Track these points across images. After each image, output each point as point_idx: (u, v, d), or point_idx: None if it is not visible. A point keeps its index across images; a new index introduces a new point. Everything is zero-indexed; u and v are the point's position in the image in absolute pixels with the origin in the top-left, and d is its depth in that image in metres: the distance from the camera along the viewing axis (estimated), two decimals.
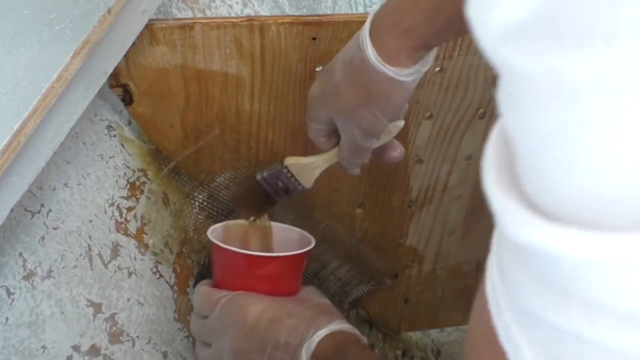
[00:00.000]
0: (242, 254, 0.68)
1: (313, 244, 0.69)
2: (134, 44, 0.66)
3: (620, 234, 0.22)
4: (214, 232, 0.72)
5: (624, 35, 0.20)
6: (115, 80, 0.69)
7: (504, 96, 0.25)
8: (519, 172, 0.25)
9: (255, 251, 0.72)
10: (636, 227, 0.22)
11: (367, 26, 0.62)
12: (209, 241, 0.72)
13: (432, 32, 0.60)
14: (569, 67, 0.21)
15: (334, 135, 0.71)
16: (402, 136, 0.83)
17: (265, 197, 0.76)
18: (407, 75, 0.62)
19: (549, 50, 0.22)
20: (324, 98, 0.67)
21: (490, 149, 0.27)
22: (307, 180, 0.74)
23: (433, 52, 0.63)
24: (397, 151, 0.72)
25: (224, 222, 0.73)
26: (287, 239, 0.72)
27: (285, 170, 0.74)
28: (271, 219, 0.87)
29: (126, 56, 0.66)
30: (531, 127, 0.24)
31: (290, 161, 0.73)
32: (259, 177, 0.76)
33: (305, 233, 0.72)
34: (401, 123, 0.70)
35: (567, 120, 0.22)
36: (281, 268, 0.67)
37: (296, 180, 0.74)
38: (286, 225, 0.73)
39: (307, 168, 0.73)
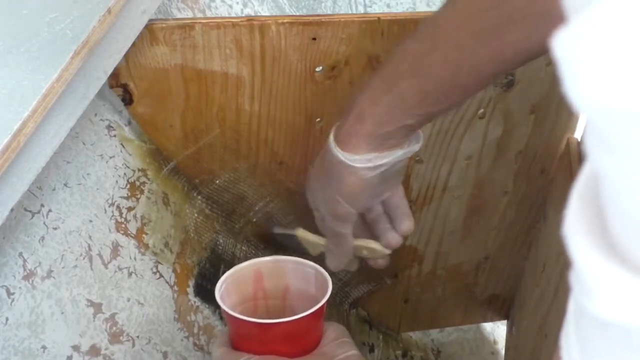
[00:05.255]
0: (255, 323, 0.61)
1: (330, 288, 0.63)
2: (134, 44, 0.66)
3: None
4: (223, 286, 0.65)
5: None
6: (115, 80, 0.69)
7: (603, 148, 0.22)
8: (616, 231, 0.23)
9: (270, 289, 0.68)
10: None
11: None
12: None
13: (378, 115, 0.62)
14: None
15: None
16: None
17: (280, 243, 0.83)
18: (357, 161, 0.63)
19: None
20: (310, 174, 0.72)
21: (574, 210, 0.25)
22: (313, 251, 0.77)
23: (394, 153, 0.64)
24: (379, 262, 0.75)
25: (233, 269, 0.67)
26: (303, 275, 0.67)
27: (295, 237, 0.79)
28: (273, 221, 0.87)
29: (126, 56, 0.66)
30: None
31: (300, 233, 0.77)
32: (275, 230, 0.83)
33: (321, 270, 0.65)
34: (386, 251, 0.73)
35: None
36: (299, 328, 0.62)
37: (304, 247, 0.79)
38: (301, 260, 0.67)
39: (312, 244, 0.77)
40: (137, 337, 0.72)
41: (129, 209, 0.72)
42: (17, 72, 0.54)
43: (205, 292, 0.82)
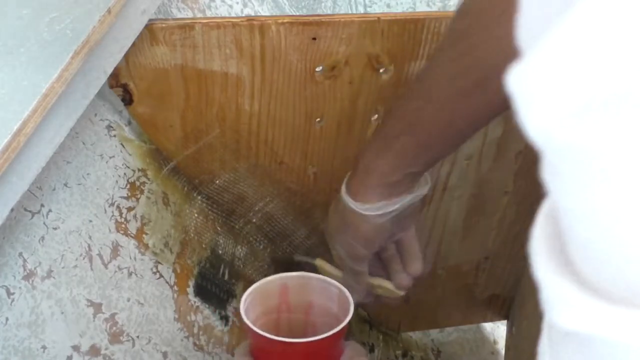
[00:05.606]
0: (279, 341, 0.61)
1: (352, 309, 0.64)
2: (134, 44, 0.66)
3: None
4: (248, 299, 0.65)
5: None
6: (115, 80, 0.69)
7: (553, 175, 0.24)
8: (570, 250, 0.25)
9: (294, 304, 0.69)
10: None
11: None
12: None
13: (383, 168, 0.66)
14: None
15: None
16: None
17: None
18: (368, 210, 0.67)
19: (621, 125, 0.21)
20: (327, 220, 0.76)
21: (539, 229, 0.27)
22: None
23: (403, 199, 0.68)
24: (392, 301, 0.79)
25: (259, 282, 0.67)
26: (327, 293, 0.68)
27: (314, 266, 0.81)
28: (270, 218, 0.87)
29: (126, 56, 0.66)
30: (592, 204, 0.23)
31: (319, 263, 0.80)
32: (296, 258, 0.86)
33: (345, 290, 0.67)
34: (400, 293, 0.77)
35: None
36: (321, 346, 0.63)
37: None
38: (326, 278, 0.69)
39: (330, 275, 0.78)
40: (137, 337, 0.72)
41: (129, 209, 0.72)
42: (17, 72, 0.54)
43: (205, 292, 0.82)
